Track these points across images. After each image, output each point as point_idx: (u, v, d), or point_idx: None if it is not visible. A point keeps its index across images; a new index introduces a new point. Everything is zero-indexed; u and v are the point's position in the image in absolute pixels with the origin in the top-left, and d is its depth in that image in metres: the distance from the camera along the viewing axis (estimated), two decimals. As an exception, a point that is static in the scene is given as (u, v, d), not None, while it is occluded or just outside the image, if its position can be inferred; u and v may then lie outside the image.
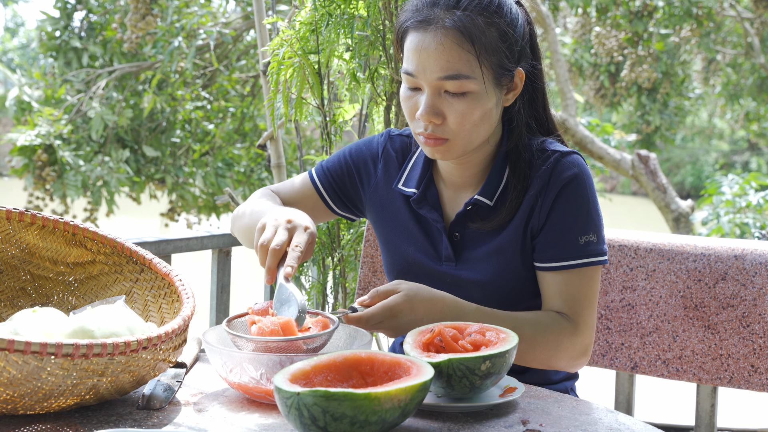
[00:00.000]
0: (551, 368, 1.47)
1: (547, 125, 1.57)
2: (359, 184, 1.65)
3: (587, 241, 1.46)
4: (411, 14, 1.43)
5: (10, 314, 1.34)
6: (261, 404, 1.17)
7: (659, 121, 8.21)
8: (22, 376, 1.00)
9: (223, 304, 2.37)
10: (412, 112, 1.44)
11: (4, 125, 19.34)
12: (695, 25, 7.53)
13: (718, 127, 19.68)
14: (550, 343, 1.43)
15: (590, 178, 1.50)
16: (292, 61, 2.13)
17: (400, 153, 1.63)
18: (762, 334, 1.67)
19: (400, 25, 1.45)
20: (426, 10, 1.40)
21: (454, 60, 1.37)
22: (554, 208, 1.46)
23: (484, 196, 1.49)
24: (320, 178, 1.67)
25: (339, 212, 1.69)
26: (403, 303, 1.34)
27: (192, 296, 1.25)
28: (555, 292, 1.47)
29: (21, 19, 30.97)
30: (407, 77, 1.42)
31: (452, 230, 1.53)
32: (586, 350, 1.48)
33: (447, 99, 1.40)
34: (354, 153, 1.66)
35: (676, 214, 6.54)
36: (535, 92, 1.54)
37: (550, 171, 1.47)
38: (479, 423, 1.12)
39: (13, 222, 1.33)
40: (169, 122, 6.33)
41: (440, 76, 1.38)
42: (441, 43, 1.37)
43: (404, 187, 1.58)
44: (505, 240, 1.49)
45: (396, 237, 1.59)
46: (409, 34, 1.42)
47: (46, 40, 6.31)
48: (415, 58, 1.40)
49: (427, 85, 1.40)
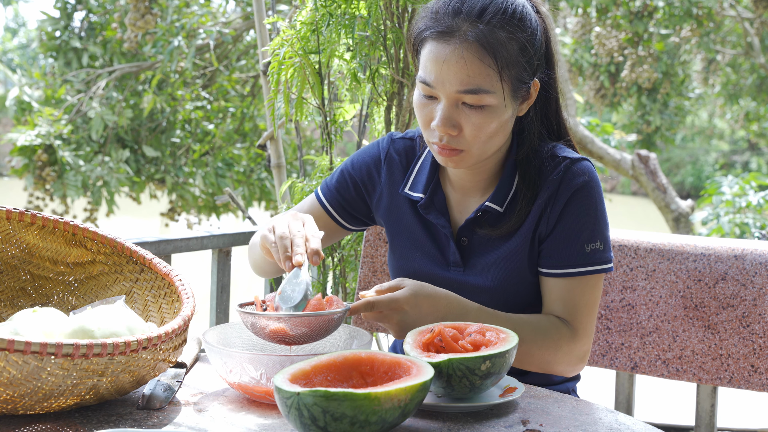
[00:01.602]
0: (547, 372, 1.47)
1: (558, 132, 1.56)
2: (365, 193, 1.63)
3: (594, 249, 1.46)
4: (430, 22, 1.39)
5: (10, 314, 1.34)
6: (261, 404, 1.17)
7: (659, 121, 8.21)
8: (22, 376, 1.00)
9: (223, 304, 2.37)
10: (426, 121, 1.42)
11: (4, 125, 19.33)
12: (695, 25, 7.52)
13: (718, 127, 19.67)
14: (548, 348, 1.42)
15: (599, 185, 1.49)
16: (292, 60, 2.13)
17: (404, 156, 1.61)
18: (762, 334, 1.67)
19: (419, 32, 1.42)
20: (447, 20, 1.37)
21: (474, 74, 1.35)
22: (563, 215, 1.46)
23: (494, 203, 1.49)
24: (327, 197, 1.64)
25: (351, 228, 1.67)
26: (409, 298, 1.34)
27: (192, 296, 1.25)
28: (556, 297, 1.47)
29: (22, 19, 30.96)
30: (423, 86, 1.40)
31: (460, 235, 1.53)
32: (584, 357, 1.48)
33: (464, 111, 1.38)
34: (356, 163, 1.64)
35: (676, 214, 6.54)
36: (548, 101, 1.53)
37: (560, 178, 1.46)
38: (479, 423, 1.12)
39: (13, 222, 1.32)
40: (169, 122, 6.33)
41: (459, 90, 1.36)
42: (462, 56, 1.35)
43: (411, 191, 1.56)
44: (513, 246, 1.48)
45: (402, 242, 1.58)
46: (428, 43, 1.39)
47: (46, 40, 6.31)
48: (434, 69, 1.37)
49: (444, 97, 1.38)
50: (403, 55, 2.23)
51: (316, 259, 1.28)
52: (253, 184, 6.36)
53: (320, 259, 1.29)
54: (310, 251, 1.29)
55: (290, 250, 1.28)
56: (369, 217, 1.66)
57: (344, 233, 1.69)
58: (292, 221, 1.34)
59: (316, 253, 1.29)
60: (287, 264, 1.28)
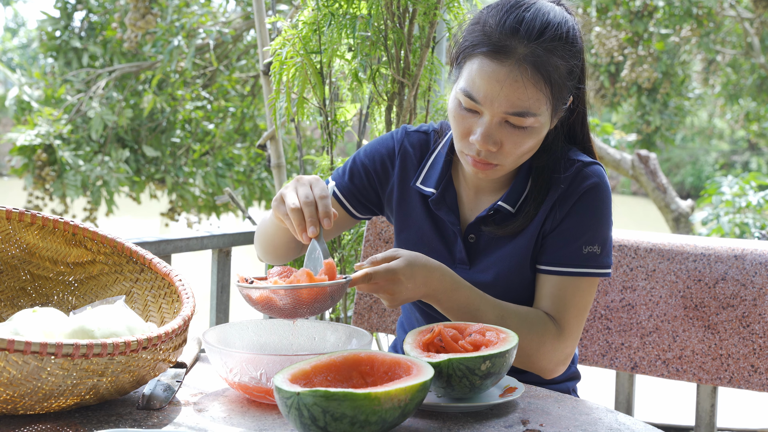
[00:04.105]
0: (527, 368, 1.46)
1: (583, 142, 1.55)
2: (378, 183, 1.63)
3: (591, 252, 1.46)
4: (482, 37, 1.37)
5: (10, 314, 1.34)
6: (261, 404, 1.17)
7: (659, 121, 8.21)
8: (22, 376, 1.00)
9: (223, 304, 2.37)
10: (464, 133, 1.41)
11: (4, 125, 19.34)
12: (695, 25, 7.53)
13: (718, 127, 19.68)
14: (532, 341, 1.42)
15: (608, 190, 1.49)
16: (294, 60, 2.13)
17: (417, 149, 1.61)
18: (762, 334, 1.67)
19: (469, 45, 1.39)
20: (503, 38, 1.35)
21: (524, 98, 1.34)
22: (568, 215, 1.47)
23: (507, 203, 1.49)
24: (338, 185, 1.64)
25: (360, 216, 1.67)
26: (404, 268, 1.34)
27: (192, 296, 1.25)
28: (547, 293, 1.47)
29: (22, 19, 30.96)
30: (467, 99, 1.37)
31: (468, 233, 1.53)
32: (567, 359, 1.47)
33: (506, 129, 1.37)
34: (369, 153, 1.64)
35: (676, 214, 6.54)
36: (575, 112, 1.52)
37: (571, 179, 1.47)
38: (479, 423, 1.12)
39: (13, 222, 1.32)
40: (169, 122, 6.33)
41: (508, 111, 1.35)
42: (516, 79, 1.33)
43: (423, 185, 1.56)
44: (519, 244, 1.49)
45: (409, 236, 1.59)
46: (479, 59, 1.36)
47: (46, 40, 6.31)
48: (483, 87, 1.35)
49: (490, 115, 1.36)
50: (404, 55, 2.23)
51: (327, 222, 1.31)
52: (253, 184, 6.36)
53: (331, 220, 1.31)
54: (322, 215, 1.31)
55: (304, 222, 1.30)
56: (378, 207, 1.66)
57: (353, 222, 1.69)
58: (300, 187, 1.35)
59: (326, 216, 1.31)
60: (304, 236, 1.31)
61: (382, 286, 1.34)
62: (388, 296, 1.36)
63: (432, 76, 2.30)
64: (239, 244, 2.36)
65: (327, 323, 1.36)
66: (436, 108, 2.38)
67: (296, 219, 1.31)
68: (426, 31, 2.24)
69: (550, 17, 1.36)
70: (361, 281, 1.32)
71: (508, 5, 1.38)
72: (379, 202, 1.65)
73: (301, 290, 1.21)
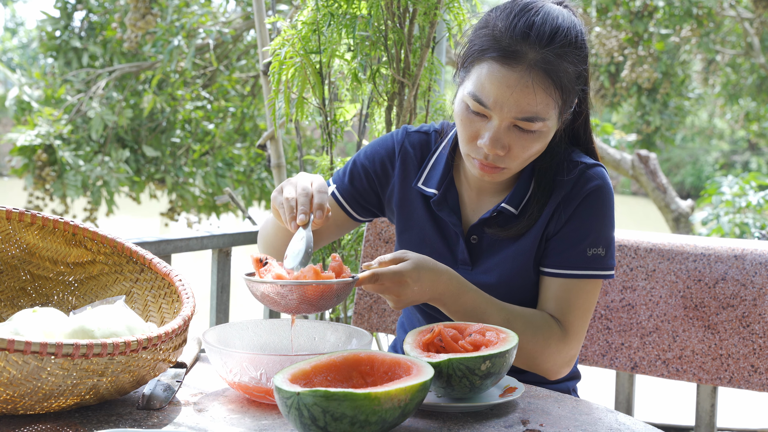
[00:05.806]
0: (532, 370, 1.46)
1: (585, 143, 1.55)
2: (378, 185, 1.62)
3: (595, 254, 1.46)
4: (492, 41, 1.36)
5: (10, 314, 1.34)
6: (261, 404, 1.17)
7: (659, 121, 8.21)
8: (22, 376, 1.00)
9: (223, 304, 2.37)
10: (471, 137, 1.40)
11: (4, 125, 19.33)
12: (695, 25, 7.53)
13: (718, 127, 19.68)
14: (537, 343, 1.42)
15: (611, 192, 1.49)
16: (293, 60, 2.13)
17: (418, 149, 1.60)
18: (762, 334, 1.67)
19: (478, 48, 1.38)
20: (513, 43, 1.34)
21: (534, 103, 1.34)
22: (572, 217, 1.47)
23: (510, 205, 1.49)
24: (338, 188, 1.63)
25: (360, 219, 1.66)
26: (411, 271, 1.33)
27: (192, 296, 1.25)
28: (551, 296, 1.47)
29: (21, 19, 30.97)
30: (475, 104, 1.37)
31: (470, 234, 1.53)
32: (571, 360, 1.48)
33: (515, 133, 1.37)
34: (369, 154, 1.63)
35: (676, 214, 6.54)
36: (579, 114, 1.52)
37: (574, 182, 1.47)
38: (479, 423, 1.12)
39: (13, 222, 1.32)
40: (169, 122, 6.33)
41: (517, 116, 1.35)
42: (526, 85, 1.33)
43: (424, 186, 1.56)
44: (522, 246, 1.49)
45: (411, 237, 1.58)
46: (488, 63, 1.36)
47: (46, 40, 6.31)
48: (493, 92, 1.34)
49: (499, 120, 1.36)
50: (404, 55, 2.23)
51: (320, 214, 1.30)
52: (253, 184, 6.36)
53: (324, 214, 1.30)
54: (315, 206, 1.30)
55: (295, 210, 1.30)
56: (379, 209, 1.66)
57: (352, 225, 1.68)
58: (300, 180, 1.35)
59: (319, 208, 1.30)
60: (292, 224, 1.30)
61: (389, 288, 1.34)
62: (394, 298, 1.35)
63: (432, 76, 2.30)
64: (239, 244, 2.36)
65: (327, 323, 1.36)
66: (436, 108, 2.38)
67: (288, 208, 1.31)
68: (426, 31, 2.24)
69: (560, 21, 1.36)
70: (368, 281, 1.31)
71: (516, 9, 1.37)
72: (380, 203, 1.65)
73: (307, 287, 1.20)
